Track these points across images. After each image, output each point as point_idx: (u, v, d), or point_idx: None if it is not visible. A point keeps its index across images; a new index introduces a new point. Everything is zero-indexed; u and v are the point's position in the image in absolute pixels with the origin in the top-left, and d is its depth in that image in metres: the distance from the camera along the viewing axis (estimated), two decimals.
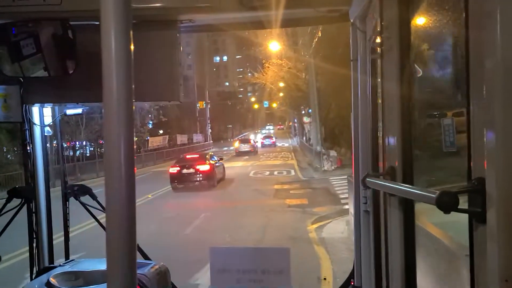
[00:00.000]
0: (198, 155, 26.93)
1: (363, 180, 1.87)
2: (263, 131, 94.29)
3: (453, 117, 1.56)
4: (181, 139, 62.81)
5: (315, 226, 13.57)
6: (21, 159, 3.31)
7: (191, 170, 23.42)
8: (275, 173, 30.79)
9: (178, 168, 23.71)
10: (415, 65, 1.85)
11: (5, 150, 29.51)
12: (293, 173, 30.82)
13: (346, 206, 14.60)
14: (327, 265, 9.42)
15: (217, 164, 25.62)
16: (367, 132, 2.59)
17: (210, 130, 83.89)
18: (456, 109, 1.52)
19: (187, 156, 26.44)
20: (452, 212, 1.20)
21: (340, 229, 12.70)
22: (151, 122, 55.63)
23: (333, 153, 31.41)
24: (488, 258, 1.13)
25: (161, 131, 58.49)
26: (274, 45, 38.63)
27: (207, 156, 25.68)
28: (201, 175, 23.43)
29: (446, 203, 1.18)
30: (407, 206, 1.66)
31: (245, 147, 51.02)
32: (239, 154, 49.11)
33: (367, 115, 2.57)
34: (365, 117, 2.61)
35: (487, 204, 1.12)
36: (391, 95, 1.77)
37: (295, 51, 39.02)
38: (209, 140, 79.22)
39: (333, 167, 29.51)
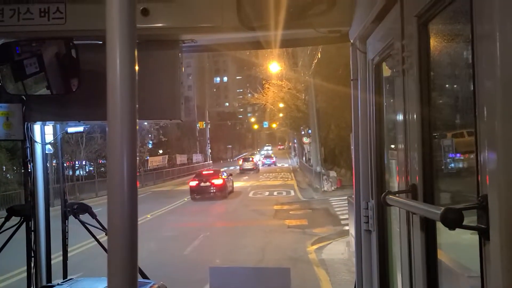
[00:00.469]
0: (213, 171, 32.17)
1: (384, 197, 1.86)
2: (262, 152, 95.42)
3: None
4: (180, 159, 62.80)
5: (315, 247, 13.48)
6: (20, 178, 3.50)
7: (207, 184, 28.36)
8: (275, 193, 30.69)
9: (197, 182, 28.71)
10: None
11: (4, 169, 29.44)
12: (292, 193, 30.73)
13: (346, 227, 14.50)
14: (328, 287, 9.33)
15: (227, 179, 30.75)
16: (368, 151, 2.59)
17: (209, 150, 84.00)
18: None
19: (204, 172, 31.91)
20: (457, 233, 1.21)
21: (340, 250, 12.60)
22: (151, 142, 55.70)
23: (332, 173, 31.37)
24: (493, 276, 1.14)
25: (160, 151, 58.53)
26: (274, 66, 38.91)
27: (220, 172, 30.58)
28: (215, 188, 28.33)
29: (451, 220, 1.19)
30: (428, 225, 1.64)
31: (248, 165, 57.16)
32: (243, 171, 54.52)
33: (368, 134, 2.57)
34: (366, 136, 2.61)
35: (489, 221, 1.14)
36: (411, 112, 1.77)
37: (295, 72, 39.30)
38: (209, 160, 79.21)
39: (333, 188, 29.43)
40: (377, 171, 2.48)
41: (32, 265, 3.14)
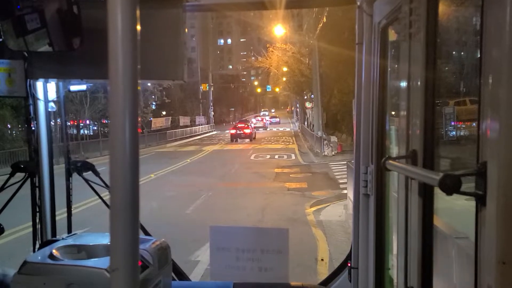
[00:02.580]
0: (244, 123, 53.14)
1: (383, 162, 1.88)
2: (261, 115, 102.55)
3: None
4: (183, 120, 62.84)
5: (313, 209, 13.84)
6: (25, 135, 3.44)
7: (241, 132, 48.31)
8: (276, 156, 31.00)
9: (235, 130, 48.68)
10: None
11: (9, 126, 29.71)
12: (293, 157, 31.04)
13: (345, 191, 14.84)
14: (324, 247, 9.71)
15: (253, 130, 50.98)
16: (370, 116, 2.58)
17: (212, 113, 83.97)
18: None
19: (238, 125, 51.89)
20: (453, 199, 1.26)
21: (338, 212, 12.98)
22: (154, 103, 55.67)
23: (333, 138, 31.59)
24: (487, 241, 1.17)
25: (164, 113, 58.53)
26: (278, 29, 38.46)
27: (248, 123, 53.66)
28: (245, 134, 48.04)
29: (449, 185, 1.20)
30: (426, 191, 1.65)
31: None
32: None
33: (371, 99, 2.56)
34: (369, 101, 2.59)
35: (487, 188, 1.16)
36: (415, 78, 1.76)
37: (299, 35, 38.90)
38: (211, 123, 79.48)
39: (333, 153, 29.74)
40: (378, 136, 2.49)
41: (37, 220, 3.20)
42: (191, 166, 27.22)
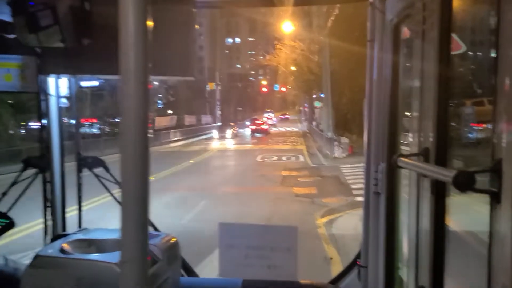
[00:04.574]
0: (261, 121, 64.99)
1: (395, 160, 1.89)
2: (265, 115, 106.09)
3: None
4: (189, 119, 62.01)
5: (324, 220, 12.55)
6: (21, 134, 3.69)
7: (259, 127, 59.34)
8: (283, 158, 29.83)
9: (255, 126, 59.50)
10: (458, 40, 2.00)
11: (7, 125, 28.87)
12: (302, 159, 29.86)
13: (359, 198, 13.53)
14: (338, 269, 8.41)
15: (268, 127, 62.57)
16: (382, 114, 2.59)
17: (219, 112, 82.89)
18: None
19: (256, 121, 62.89)
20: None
21: (352, 224, 11.60)
22: (160, 102, 55.03)
23: (344, 139, 30.35)
24: (501, 238, 1.15)
25: (170, 111, 57.95)
26: (287, 26, 37.82)
27: (266, 122, 64.99)
28: (262, 130, 58.79)
29: (462, 182, 1.20)
30: (438, 189, 1.66)
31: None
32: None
33: (383, 96, 2.57)
34: (380, 99, 2.61)
35: (502, 185, 1.15)
36: (428, 75, 1.76)
37: (309, 32, 38.02)
38: (218, 122, 78.36)
39: (344, 155, 28.44)
40: (389, 134, 2.49)
41: (49, 215, 3.28)
42: (194, 167, 25.89)
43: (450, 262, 1.71)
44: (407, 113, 2.34)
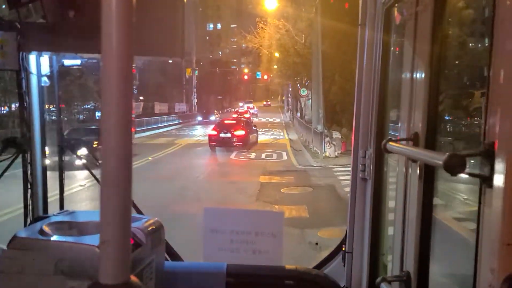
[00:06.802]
0: (235, 120, 34.46)
1: (384, 145, 1.86)
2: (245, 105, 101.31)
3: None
4: (160, 107, 56.83)
5: None
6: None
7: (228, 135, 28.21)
8: (263, 156, 24.75)
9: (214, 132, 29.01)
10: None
11: None
12: (285, 156, 24.89)
13: None
14: None
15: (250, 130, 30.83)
16: (370, 100, 2.56)
17: (195, 100, 77.25)
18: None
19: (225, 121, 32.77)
20: None
21: None
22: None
23: (336, 134, 25.36)
24: (491, 222, 1.16)
25: (141, 97, 52.44)
26: (271, 1, 33.08)
27: (242, 123, 31.11)
28: (236, 139, 27.96)
29: (454, 166, 1.20)
30: (427, 174, 1.67)
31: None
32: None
33: (372, 82, 2.53)
34: (370, 84, 2.56)
35: (495, 168, 1.14)
36: (420, 60, 1.75)
37: (296, 9, 33.08)
38: (195, 111, 72.75)
39: (336, 153, 23.42)
40: (378, 119, 2.49)
41: (29, 196, 3.16)
42: (149, 169, 20.46)
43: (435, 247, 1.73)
44: (396, 98, 2.21)
